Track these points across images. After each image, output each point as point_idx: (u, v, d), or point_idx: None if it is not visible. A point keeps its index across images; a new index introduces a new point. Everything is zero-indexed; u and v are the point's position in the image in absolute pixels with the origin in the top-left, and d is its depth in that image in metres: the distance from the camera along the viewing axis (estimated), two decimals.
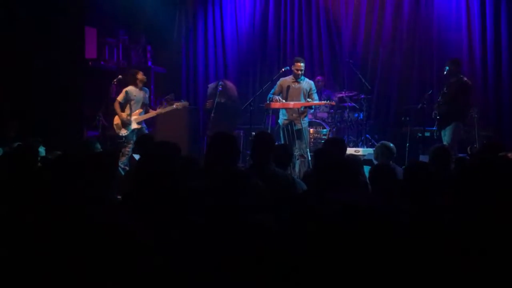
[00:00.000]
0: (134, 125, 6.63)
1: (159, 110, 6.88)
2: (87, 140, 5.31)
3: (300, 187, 3.28)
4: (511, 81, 7.37)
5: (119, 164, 5.83)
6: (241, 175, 2.32)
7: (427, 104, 6.40)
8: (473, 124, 6.55)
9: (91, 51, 7.87)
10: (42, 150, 4.91)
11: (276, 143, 3.90)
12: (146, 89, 6.85)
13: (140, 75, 6.70)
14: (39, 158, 4.34)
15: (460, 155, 5.92)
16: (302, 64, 6.33)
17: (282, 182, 3.13)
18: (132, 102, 6.63)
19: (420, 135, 6.63)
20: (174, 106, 6.96)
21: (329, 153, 3.11)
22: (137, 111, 6.68)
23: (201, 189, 2.29)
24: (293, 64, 6.41)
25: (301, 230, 1.99)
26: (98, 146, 4.63)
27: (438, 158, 3.82)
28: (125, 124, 6.59)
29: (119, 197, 3.04)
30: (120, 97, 6.65)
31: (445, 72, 6.20)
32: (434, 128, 6.67)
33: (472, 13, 7.56)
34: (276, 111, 6.53)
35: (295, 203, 2.40)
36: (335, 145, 3.80)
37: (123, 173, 4.91)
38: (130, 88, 6.65)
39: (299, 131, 6.24)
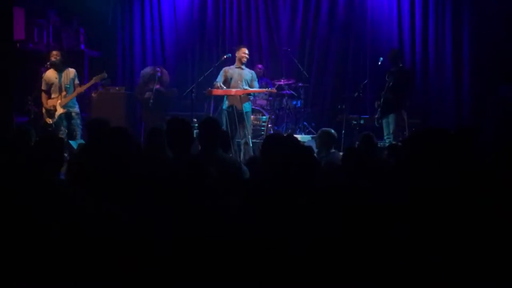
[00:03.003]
0: (59, 110, 6.38)
1: (78, 89, 6.52)
2: (22, 127, 5.02)
3: (246, 170, 3.34)
4: (437, 72, 7.84)
5: None
6: (195, 162, 2.33)
7: (362, 93, 6.66)
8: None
9: (19, 32, 7.43)
10: None
11: None
12: (70, 69, 6.52)
13: (52, 56, 6.42)
14: None
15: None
16: (246, 50, 6.38)
17: (231, 167, 3.17)
18: (53, 87, 6.40)
19: (355, 122, 6.89)
20: (93, 80, 6.67)
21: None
22: (62, 94, 6.41)
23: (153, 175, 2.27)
24: (239, 50, 6.43)
25: (257, 214, 2.04)
26: (33, 132, 4.43)
27: (366, 144, 4.07)
28: (50, 113, 6.38)
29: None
30: (42, 86, 6.46)
31: (379, 63, 6.48)
32: (367, 116, 6.97)
33: (402, 7, 7.93)
34: (217, 97, 6.53)
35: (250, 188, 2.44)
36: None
37: None
38: (47, 74, 6.46)
39: (241, 116, 6.28)
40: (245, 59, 6.35)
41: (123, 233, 1.81)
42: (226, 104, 6.35)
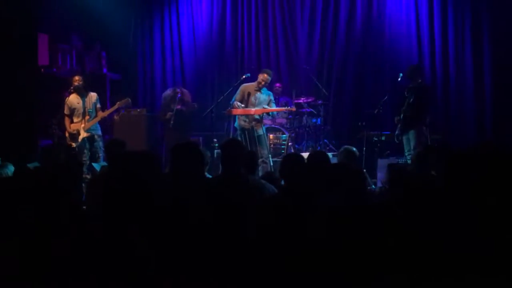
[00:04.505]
0: (82, 134, 6.49)
1: (101, 113, 6.63)
2: (48, 148, 5.12)
3: (270, 189, 3.33)
4: (458, 87, 7.76)
5: None
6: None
7: (383, 109, 6.63)
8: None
9: (43, 58, 7.64)
10: None
11: None
12: (92, 93, 6.65)
13: (75, 81, 6.53)
14: None
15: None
16: (269, 78, 6.44)
17: (253, 188, 3.16)
18: (76, 111, 6.51)
19: (376, 139, 6.84)
20: (116, 105, 6.80)
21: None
22: (85, 118, 6.52)
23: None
24: (262, 73, 6.49)
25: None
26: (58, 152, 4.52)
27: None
28: (73, 137, 6.49)
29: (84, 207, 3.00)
30: (65, 110, 6.57)
31: (399, 79, 6.45)
32: (388, 133, 6.91)
33: (421, 22, 7.91)
34: (235, 117, 6.58)
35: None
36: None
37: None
38: (70, 98, 6.57)
39: (260, 138, 6.33)
40: (263, 84, 6.42)
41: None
42: (239, 124, 6.43)
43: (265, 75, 6.42)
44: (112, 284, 1.75)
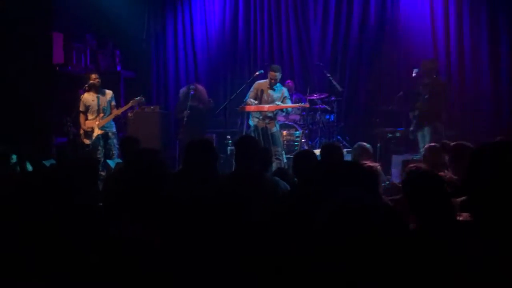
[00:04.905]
0: (96, 132, 6.53)
1: (115, 111, 6.68)
2: (63, 146, 5.19)
3: (283, 186, 3.32)
4: (474, 82, 7.65)
5: None
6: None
7: (397, 105, 6.57)
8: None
9: (58, 56, 7.71)
10: (13, 157, 4.80)
11: None
12: (107, 91, 6.70)
13: (91, 79, 6.57)
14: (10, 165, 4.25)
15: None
16: (277, 73, 6.42)
17: (267, 184, 3.15)
18: (91, 109, 6.55)
19: (391, 135, 6.78)
20: (130, 103, 6.84)
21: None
22: (99, 116, 6.56)
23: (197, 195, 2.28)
24: (269, 71, 6.48)
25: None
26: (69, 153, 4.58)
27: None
28: (87, 134, 6.53)
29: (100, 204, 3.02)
30: (80, 107, 6.60)
31: (413, 74, 6.38)
32: (402, 129, 6.85)
33: (436, 16, 7.80)
34: (249, 114, 6.58)
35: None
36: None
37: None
38: (85, 96, 6.60)
39: (273, 135, 6.32)
40: (274, 82, 6.41)
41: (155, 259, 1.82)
42: (256, 120, 6.41)
43: (272, 72, 6.41)
44: (127, 281, 1.75)
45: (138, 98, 6.82)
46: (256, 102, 6.40)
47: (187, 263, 1.83)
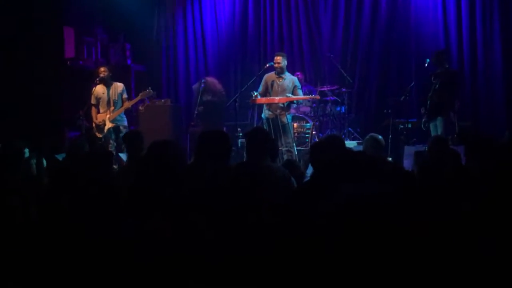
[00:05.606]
0: (108, 125, 6.57)
1: (126, 104, 6.68)
2: (78, 140, 5.22)
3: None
4: (486, 72, 7.56)
5: None
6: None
7: (409, 96, 6.52)
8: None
9: (69, 51, 7.77)
10: (26, 152, 4.84)
11: None
12: (118, 84, 6.71)
13: (100, 72, 6.59)
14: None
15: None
16: (279, 57, 6.38)
17: (279, 177, 3.16)
18: (102, 101, 6.58)
19: (402, 126, 6.74)
20: (139, 96, 6.87)
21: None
22: (110, 108, 6.59)
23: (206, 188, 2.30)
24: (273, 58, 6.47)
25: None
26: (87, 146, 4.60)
27: (436, 148, 3.88)
28: (99, 128, 6.57)
29: None
30: (92, 100, 6.63)
31: (426, 65, 6.33)
32: (414, 120, 6.80)
33: (448, 6, 7.71)
34: (260, 106, 6.57)
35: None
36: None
37: None
38: (96, 89, 6.61)
39: (284, 127, 6.30)
40: (277, 66, 6.37)
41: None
42: (267, 113, 6.39)
43: (276, 57, 6.38)
44: (139, 271, 1.77)
45: (147, 91, 6.84)
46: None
47: (200, 256, 1.84)
